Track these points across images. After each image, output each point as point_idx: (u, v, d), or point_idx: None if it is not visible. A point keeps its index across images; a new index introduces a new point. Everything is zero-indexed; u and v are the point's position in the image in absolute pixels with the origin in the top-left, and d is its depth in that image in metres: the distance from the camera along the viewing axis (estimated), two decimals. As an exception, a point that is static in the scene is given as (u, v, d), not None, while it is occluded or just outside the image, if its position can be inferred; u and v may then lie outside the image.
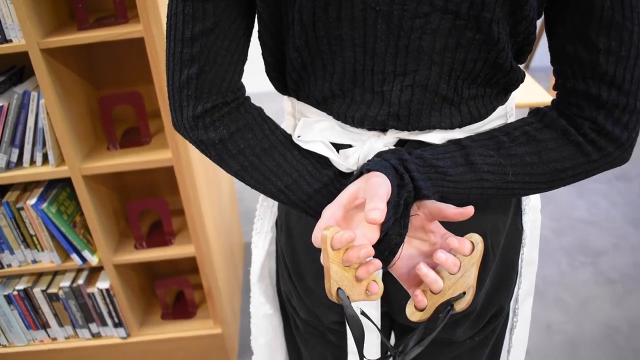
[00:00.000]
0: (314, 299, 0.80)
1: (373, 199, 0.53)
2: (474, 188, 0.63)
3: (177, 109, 0.63)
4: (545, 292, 2.09)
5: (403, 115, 0.63)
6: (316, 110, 0.69)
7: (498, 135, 0.65)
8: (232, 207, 2.19)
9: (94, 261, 1.57)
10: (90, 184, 1.48)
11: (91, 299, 1.66)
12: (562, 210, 2.58)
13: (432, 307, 0.59)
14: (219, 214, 1.82)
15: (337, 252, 0.54)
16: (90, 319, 1.71)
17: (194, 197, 1.48)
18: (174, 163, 1.41)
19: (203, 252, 1.58)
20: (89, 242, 1.57)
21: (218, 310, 1.72)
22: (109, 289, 1.65)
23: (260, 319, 0.96)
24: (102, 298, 1.66)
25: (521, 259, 0.81)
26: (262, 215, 0.88)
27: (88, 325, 1.73)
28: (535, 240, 0.83)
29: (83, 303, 1.67)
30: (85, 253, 1.56)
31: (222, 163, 0.66)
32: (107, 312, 1.70)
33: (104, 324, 1.73)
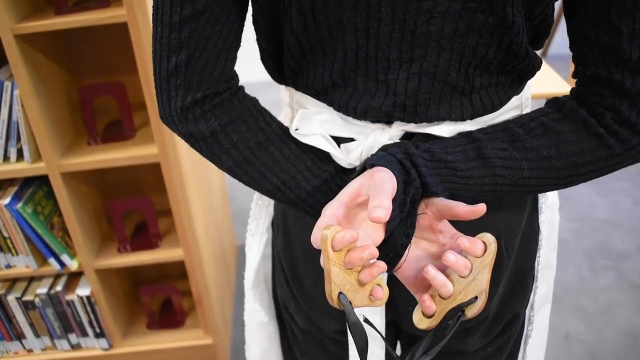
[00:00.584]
0: (313, 306, 0.81)
1: (377, 196, 0.53)
2: (486, 184, 0.63)
3: (165, 99, 0.63)
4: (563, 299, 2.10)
5: (410, 106, 0.63)
6: (315, 101, 0.69)
7: (512, 127, 0.65)
8: (223, 206, 2.19)
9: (74, 266, 1.57)
10: (70, 181, 1.48)
11: (70, 307, 1.66)
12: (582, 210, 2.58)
13: (441, 313, 0.59)
14: (210, 214, 1.82)
15: (338, 254, 0.54)
16: (69, 329, 1.71)
17: (182, 196, 1.48)
18: (161, 159, 1.41)
19: (192, 256, 1.58)
20: (68, 245, 1.57)
21: (209, 319, 1.73)
22: (89, 296, 1.65)
23: (254, 328, 0.96)
24: (83, 306, 1.66)
25: (537, 262, 0.81)
26: (257, 215, 0.88)
27: (67, 335, 1.73)
28: (552, 241, 0.83)
29: (61, 311, 1.67)
30: (64, 257, 1.56)
31: (213, 158, 0.66)
32: (88, 321, 1.70)
33: (85, 334, 1.73)
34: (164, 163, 1.42)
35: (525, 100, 0.72)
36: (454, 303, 0.58)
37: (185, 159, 1.50)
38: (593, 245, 2.37)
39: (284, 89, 0.73)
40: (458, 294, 0.58)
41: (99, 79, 1.60)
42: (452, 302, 0.58)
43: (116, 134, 1.50)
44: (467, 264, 0.57)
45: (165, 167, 1.43)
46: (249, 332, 0.99)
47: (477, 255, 0.57)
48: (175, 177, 1.44)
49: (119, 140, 1.49)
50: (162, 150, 1.40)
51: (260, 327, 0.96)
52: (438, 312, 0.59)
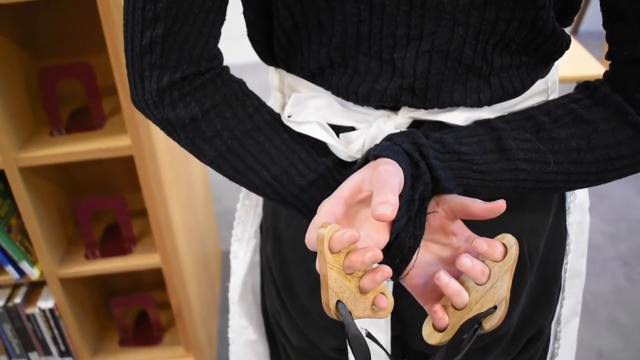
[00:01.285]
0: (308, 320, 0.81)
1: (382, 191, 0.53)
2: (506, 180, 0.63)
3: (138, 80, 0.63)
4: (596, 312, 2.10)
5: (419, 89, 0.63)
6: (310, 84, 0.69)
7: (537, 114, 0.65)
8: (207, 206, 2.19)
9: (35, 274, 1.57)
10: (30, 178, 1.48)
11: (31, 321, 1.66)
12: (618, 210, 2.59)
13: (455, 326, 0.59)
14: (191, 215, 1.82)
15: (336, 256, 0.54)
16: (30, 347, 1.71)
17: (159, 194, 1.48)
18: (134, 152, 1.41)
19: (171, 263, 1.58)
20: (28, 251, 1.57)
21: (190, 335, 1.73)
22: (53, 308, 1.65)
23: (241, 347, 0.97)
24: (45, 320, 1.66)
25: (565, 270, 0.81)
26: (244, 218, 0.88)
27: (27, 354, 1.73)
28: (582, 246, 0.84)
29: (21, 327, 1.67)
30: (24, 264, 1.56)
31: (193, 148, 0.66)
32: (52, 337, 1.70)
33: (48, 353, 1.73)
34: (138, 156, 1.42)
35: (552, 85, 0.71)
36: (469, 314, 0.58)
37: (163, 151, 1.50)
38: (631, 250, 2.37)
39: (273, 71, 0.73)
40: (474, 303, 0.58)
41: (62, 59, 1.59)
42: (468, 314, 0.58)
43: (83, 123, 1.50)
44: (485, 269, 0.58)
45: (139, 161, 1.42)
46: (234, 352, 0.99)
47: (496, 259, 0.57)
48: (151, 172, 1.44)
49: (86, 130, 1.49)
50: (135, 141, 1.40)
51: (248, 346, 0.96)
52: (451, 325, 0.59)
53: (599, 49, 3.68)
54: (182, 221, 1.67)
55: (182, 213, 1.68)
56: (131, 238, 1.63)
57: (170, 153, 1.59)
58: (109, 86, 1.57)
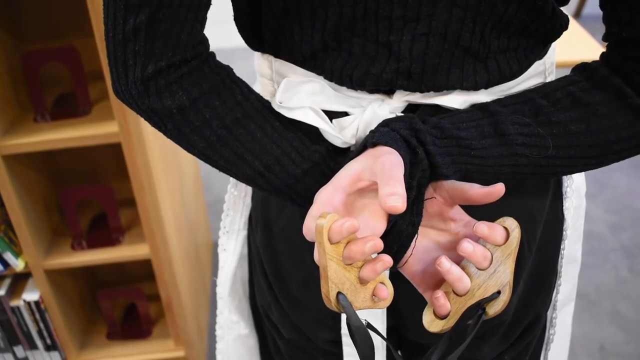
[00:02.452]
0: (301, 312, 0.81)
1: (389, 182, 0.53)
2: (505, 165, 0.64)
3: (120, 69, 0.63)
4: (598, 304, 2.11)
5: (415, 73, 0.64)
6: (302, 70, 0.69)
7: (535, 97, 0.66)
8: (197, 195, 2.19)
9: (19, 266, 1.57)
10: (13, 166, 1.48)
11: (16, 314, 1.66)
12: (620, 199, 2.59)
13: (458, 312, 0.60)
14: (181, 204, 1.82)
15: (336, 247, 0.54)
16: (14, 341, 1.72)
17: (148, 183, 1.48)
18: (122, 139, 1.41)
19: (160, 254, 1.59)
20: (12, 242, 1.57)
21: (180, 328, 1.73)
22: (39, 301, 1.65)
23: (231, 343, 0.97)
24: (31, 313, 1.66)
25: (561, 255, 0.82)
26: (232, 208, 0.88)
27: (12, 348, 1.73)
28: (578, 231, 0.85)
29: (5, 320, 1.67)
30: (8, 255, 1.56)
31: (181, 139, 0.66)
32: (37, 331, 1.70)
33: (33, 347, 1.73)
34: (125, 143, 1.41)
35: (550, 66, 0.72)
36: (472, 300, 0.59)
37: (151, 138, 1.50)
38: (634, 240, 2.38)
39: (260, 57, 0.73)
40: (477, 289, 0.59)
41: (46, 43, 1.58)
42: (470, 300, 0.59)
43: (68, 109, 1.49)
44: (487, 253, 0.58)
45: (127, 149, 1.42)
46: (222, 349, 0.98)
47: (497, 242, 0.58)
48: (140, 160, 1.44)
49: (72, 116, 1.48)
50: (123, 128, 1.39)
51: (238, 342, 0.97)
52: (453, 312, 0.60)
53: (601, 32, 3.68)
54: (172, 211, 1.67)
55: (171, 202, 1.68)
56: (119, 228, 1.63)
57: (159, 140, 1.59)
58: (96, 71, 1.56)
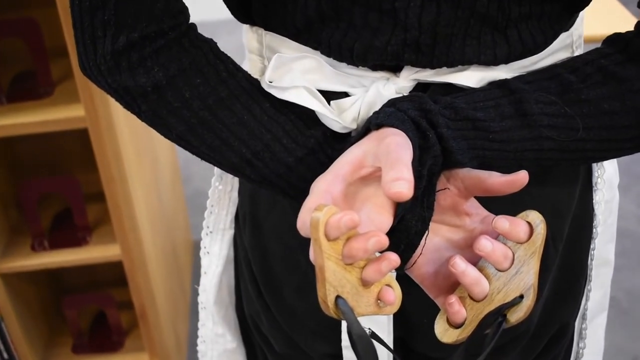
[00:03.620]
0: (295, 322, 0.81)
1: (395, 166, 0.53)
2: (528, 150, 0.64)
3: (88, 41, 0.62)
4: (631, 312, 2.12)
5: (425, 45, 0.63)
6: (295, 43, 0.68)
7: (562, 73, 0.65)
8: (175, 188, 2.19)
9: (-28, 269, 1.57)
10: (-35, 155, 1.47)
11: (-31, 324, 1.66)
12: (657, 193, 2.60)
13: (475, 320, 0.59)
14: (156, 198, 1.82)
15: (334, 244, 0.53)
16: (-32, 354, 1.71)
17: (119, 175, 1.47)
18: (89, 124, 1.40)
19: (133, 255, 1.59)
20: (-36, 241, 1.57)
21: (156, 340, 1.73)
22: (-5, 309, 1.64)
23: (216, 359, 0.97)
24: (-14, 323, 1.66)
25: (591, 256, 0.82)
26: (217, 204, 0.88)
27: (-35, 362, 1.73)
28: (610, 229, 0.85)
29: (-43, 330, 1.66)
30: (-41, 257, 1.55)
31: (158, 122, 0.66)
32: (-7, 343, 1.70)
33: (-11, 361, 1.73)
34: (93, 129, 1.41)
35: (577, 39, 0.72)
36: (491, 306, 0.59)
37: (122, 123, 1.50)
38: (671, 239, 2.39)
39: (248, 29, 0.72)
40: (496, 293, 0.59)
41: (2, 14, 1.58)
42: (489, 305, 0.59)
43: (27, 90, 1.49)
44: (508, 252, 0.58)
45: (95, 135, 1.42)
46: None
47: (520, 239, 0.58)
48: (109, 148, 1.44)
49: (31, 98, 1.48)
50: (90, 111, 1.39)
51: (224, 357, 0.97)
52: (470, 320, 0.60)
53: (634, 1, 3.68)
54: (146, 206, 1.67)
55: (145, 196, 1.67)
56: (86, 226, 1.63)
57: (132, 125, 1.58)
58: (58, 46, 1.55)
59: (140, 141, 1.69)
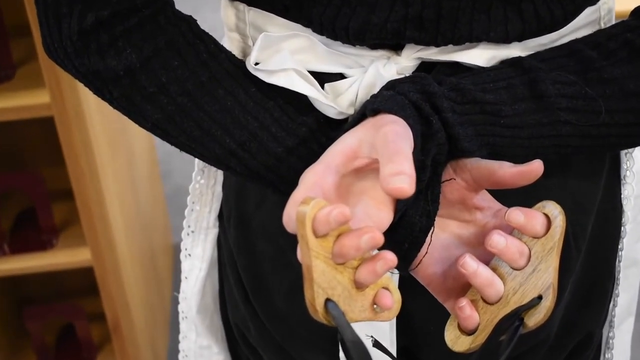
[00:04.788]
0: (286, 330, 0.82)
1: (394, 159, 0.53)
2: (544, 137, 0.64)
3: (52, 20, 0.62)
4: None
5: (429, 20, 0.63)
6: (283, 20, 0.68)
7: (582, 49, 0.65)
8: (153, 185, 2.19)
9: None
10: None
11: None
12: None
13: (489, 325, 0.60)
14: (132, 197, 1.82)
15: (323, 241, 0.53)
16: None
17: (89, 170, 1.47)
18: (55, 112, 1.40)
19: (105, 261, 1.58)
20: None
21: (131, 355, 1.73)
22: (-51, 322, 1.65)
23: None
24: (-61, 337, 1.67)
25: (619, 257, 0.82)
26: (199, 201, 0.88)
27: None
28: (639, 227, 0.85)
29: None
30: None
31: (131, 110, 0.66)
32: (-52, 360, 1.70)
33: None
34: (59, 117, 1.41)
35: (606, 14, 0.72)
36: (506, 309, 0.59)
37: (93, 111, 1.49)
38: None
39: (227, 5, 0.72)
40: (512, 294, 0.59)
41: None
42: (504, 308, 0.59)
43: (-17, 74, 1.49)
44: (524, 248, 0.59)
45: (61, 124, 1.42)
46: None
47: (537, 234, 0.58)
48: (78, 139, 1.44)
49: (-11, 83, 1.48)
50: (56, 97, 1.39)
51: None
52: (483, 325, 0.60)
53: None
54: (121, 205, 1.67)
55: (120, 194, 1.67)
56: (52, 227, 1.62)
57: (104, 113, 1.58)
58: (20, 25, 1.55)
59: (114, 131, 1.68)
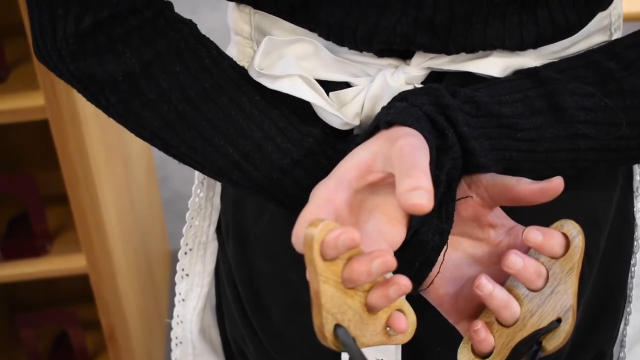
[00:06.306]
0: (285, 348, 0.82)
1: (411, 172, 0.52)
2: (562, 151, 0.64)
3: (47, 21, 0.62)
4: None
5: (440, 25, 0.63)
6: (288, 24, 0.68)
7: (601, 59, 0.65)
8: (150, 190, 2.19)
9: None
10: None
11: None
12: None
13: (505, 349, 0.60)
14: (128, 202, 1.83)
15: (331, 265, 0.53)
16: None
17: (84, 174, 1.48)
18: (49, 114, 1.41)
19: (101, 267, 1.59)
20: None
21: (127, 365, 1.73)
22: (-60, 329, 1.65)
23: None
24: None
25: (631, 274, 0.83)
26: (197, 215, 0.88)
27: None
28: None
29: None
30: None
31: (129, 118, 0.66)
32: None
33: None
34: (54, 120, 1.41)
35: (616, 20, 0.72)
36: (523, 332, 0.59)
37: (89, 114, 1.50)
38: None
39: (234, 8, 0.72)
40: (529, 317, 0.59)
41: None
42: (521, 331, 0.59)
43: (-23, 76, 1.49)
44: (541, 269, 0.58)
45: (56, 128, 1.42)
46: None
47: (555, 254, 0.58)
48: (73, 143, 1.44)
49: (-18, 84, 1.48)
50: (51, 100, 1.39)
51: None
52: (499, 349, 0.60)
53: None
54: (116, 210, 1.67)
55: (115, 199, 1.68)
56: (46, 233, 1.63)
57: (100, 117, 1.58)
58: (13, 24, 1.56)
59: (110, 135, 1.69)
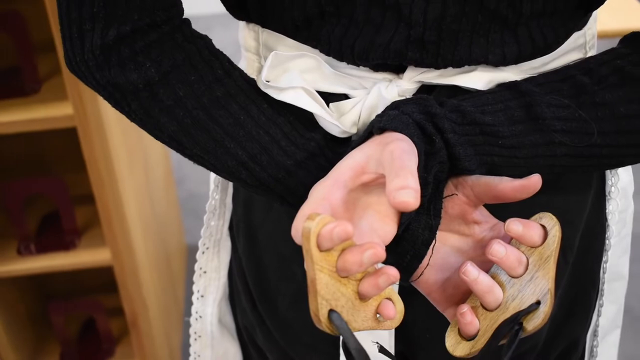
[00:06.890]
0: (291, 335, 0.81)
1: (399, 173, 0.53)
2: (539, 156, 0.64)
3: (76, 35, 0.62)
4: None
5: (430, 42, 0.63)
6: (293, 41, 0.68)
7: (576, 74, 0.65)
8: (168, 190, 2.19)
9: (-45, 274, 1.57)
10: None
11: (-49, 332, 1.66)
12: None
13: (488, 331, 0.59)
14: (148, 201, 1.82)
15: (327, 255, 0.53)
16: (-50, 363, 1.71)
17: (108, 176, 1.47)
18: (77, 123, 1.40)
19: (124, 260, 1.59)
20: (-53, 245, 1.57)
21: (147, 348, 1.73)
22: (-22, 316, 1.64)
23: None
24: (-31, 330, 1.66)
25: (603, 269, 0.82)
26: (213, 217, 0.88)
27: (-53, 372, 1.72)
28: (624, 241, 0.85)
29: (-61, 338, 1.66)
30: (-59, 262, 1.55)
31: (148, 122, 0.66)
32: (-23, 351, 1.70)
33: (-27, 370, 1.73)
34: (82, 128, 1.41)
35: (591, 39, 0.72)
36: (505, 314, 0.59)
37: (113, 122, 1.50)
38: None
39: (244, 26, 0.72)
40: (510, 301, 0.59)
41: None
42: (503, 314, 0.59)
43: (12, 87, 1.49)
44: (522, 257, 0.58)
45: (83, 134, 1.42)
46: None
47: (534, 243, 0.58)
48: (99, 148, 1.44)
49: (17, 95, 1.47)
50: (79, 109, 1.39)
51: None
52: (483, 330, 0.60)
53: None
54: (138, 209, 1.67)
55: (137, 198, 1.67)
56: (74, 229, 1.62)
57: (122, 124, 1.58)
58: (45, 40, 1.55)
59: (131, 141, 1.69)
